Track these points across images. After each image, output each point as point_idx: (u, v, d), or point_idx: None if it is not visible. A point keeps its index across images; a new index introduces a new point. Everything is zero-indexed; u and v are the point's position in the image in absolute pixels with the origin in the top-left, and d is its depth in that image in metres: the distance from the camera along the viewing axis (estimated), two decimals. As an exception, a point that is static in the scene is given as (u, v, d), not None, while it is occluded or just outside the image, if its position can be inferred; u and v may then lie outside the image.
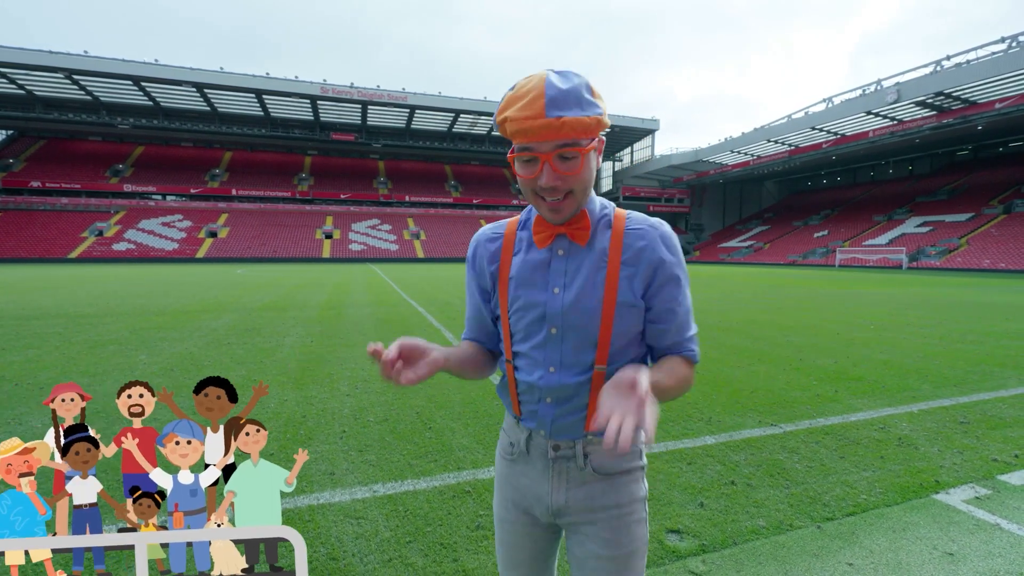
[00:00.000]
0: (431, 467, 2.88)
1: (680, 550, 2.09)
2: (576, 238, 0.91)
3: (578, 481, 0.97)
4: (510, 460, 1.04)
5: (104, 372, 4.96)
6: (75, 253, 42.65)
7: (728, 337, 7.11)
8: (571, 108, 0.79)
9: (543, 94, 0.78)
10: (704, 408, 3.95)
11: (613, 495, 0.97)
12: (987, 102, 34.49)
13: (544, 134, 0.78)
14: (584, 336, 0.91)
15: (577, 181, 0.84)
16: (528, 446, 1.00)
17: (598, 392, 0.90)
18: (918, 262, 36.31)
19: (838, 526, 2.28)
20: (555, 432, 0.96)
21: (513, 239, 0.98)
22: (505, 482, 1.05)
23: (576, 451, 0.96)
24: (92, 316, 8.88)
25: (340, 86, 49.07)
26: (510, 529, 1.05)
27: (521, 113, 0.79)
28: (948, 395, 4.31)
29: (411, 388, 4.46)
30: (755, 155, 55.04)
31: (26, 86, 45.67)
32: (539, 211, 0.90)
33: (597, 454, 0.97)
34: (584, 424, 0.95)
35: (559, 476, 0.98)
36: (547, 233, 0.92)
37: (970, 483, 2.69)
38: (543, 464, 0.99)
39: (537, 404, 0.96)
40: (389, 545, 2.12)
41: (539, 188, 0.85)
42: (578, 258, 0.92)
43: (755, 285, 18.30)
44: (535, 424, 0.98)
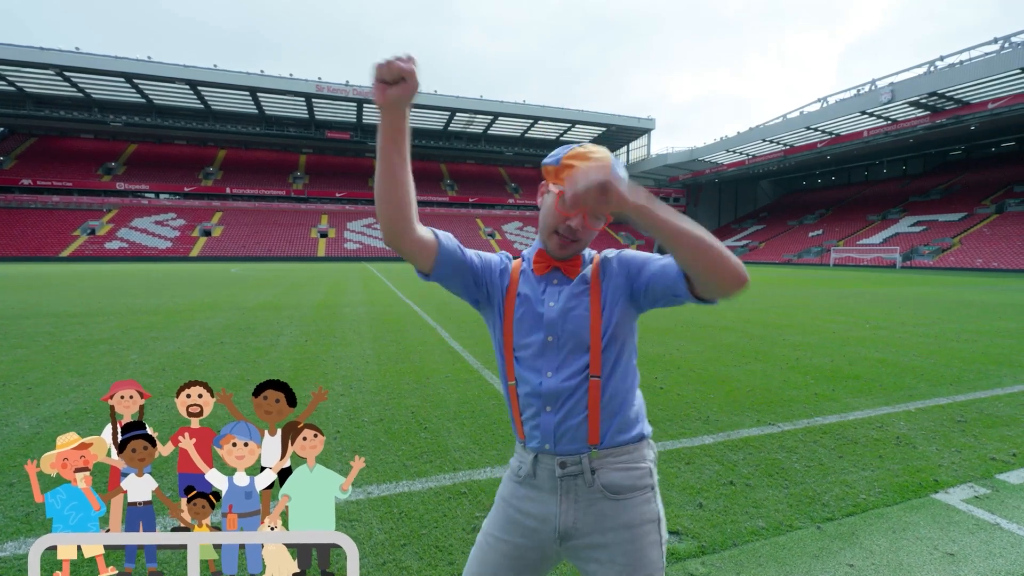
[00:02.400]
0: (426, 468, 2.84)
1: (679, 552, 2.06)
2: (569, 273, 1.06)
3: (587, 501, 0.98)
4: (517, 482, 1.05)
5: (94, 372, 4.89)
6: (67, 252, 42.24)
7: (724, 336, 7.10)
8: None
9: (612, 167, 0.86)
10: (701, 407, 3.92)
11: (624, 515, 0.97)
12: (980, 102, 34.74)
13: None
14: (577, 341, 0.99)
15: (590, 236, 1.03)
16: (535, 468, 1.02)
17: (596, 400, 0.98)
18: (912, 261, 36.56)
19: (838, 526, 2.26)
20: (559, 443, 0.98)
21: (519, 268, 1.11)
22: (507, 505, 1.05)
23: (583, 466, 0.98)
24: (83, 315, 8.77)
25: (335, 84, 48.82)
26: (500, 549, 1.02)
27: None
28: (945, 394, 4.31)
29: (406, 388, 4.43)
30: (750, 154, 55.25)
31: (16, 83, 45.15)
32: (548, 245, 1.05)
33: (605, 471, 0.98)
34: (587, 433, 0.98)
35: (567, 495, 0.99)
36: (545, 264, 1.07)
37: (969, 482, 2.68)
38: (551, 485, 1.00)
39: (539, 417, 1.00)
40: (383, 548, 2.08)
41: (564, 228, 0.99)
42: (568, 285, 1.05)
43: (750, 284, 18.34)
44: (539, 441, 1.00)
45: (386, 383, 4.59)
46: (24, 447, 3.06)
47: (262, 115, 55.44)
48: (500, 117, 56.68)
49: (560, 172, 1.00)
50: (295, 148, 63.96)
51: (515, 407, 1.04)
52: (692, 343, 6.52)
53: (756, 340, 6.78)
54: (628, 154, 67.87)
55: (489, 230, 59.84)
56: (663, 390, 4.40)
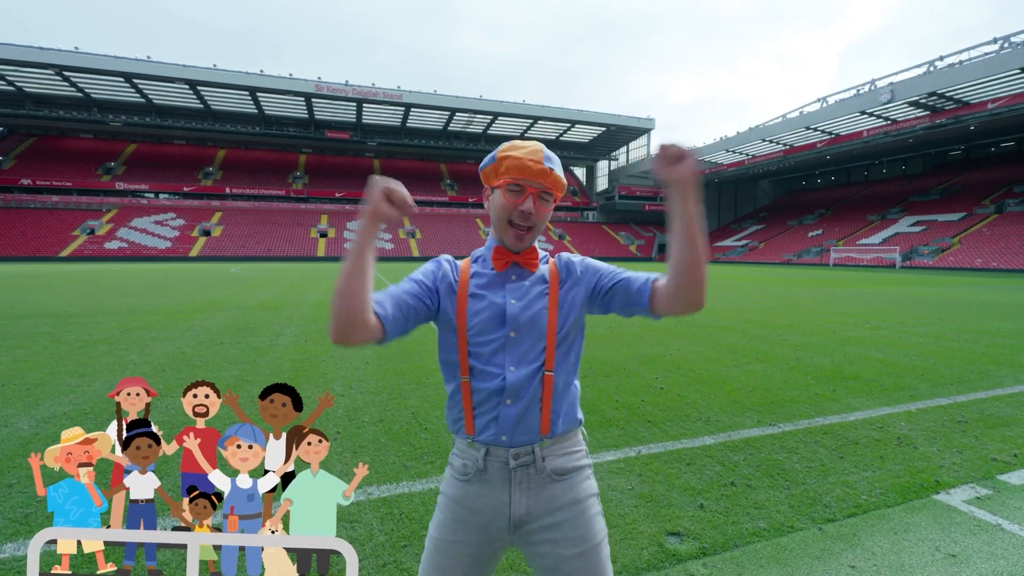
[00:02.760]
0: (427, 469, 2.83)
1: (681, 553, 2.06)
2: (527, 265, 1.11)
3: (539, 486, 1.05)
4: (464, 482, 1.07)
5: (94, 372, 4.88)
6: (66, 252, 42.20)
7: (724, 336, 7.10)
8: (557, 168, 1.07)
9: (542, 151, 1.06)
10: (702, 408, 3.92)
11: (571, 494, 1.06)
12: (980, 102, 34.78)
13: (538, 176, 1.04)
14: (536, 338, 1.05)
15: (543, 219, 1.09)
16: (486, 463, 1.05)
17: (549, 393, 1.04)
18: (911, 261, 36.58)
19: (839, 527, 2.26)
20: (515, 434, 1.03)
21: (469, 268, 1.13)
22: (456, 505, 1.07)
23: (535, 455, 1.04)
24: (82, 315, 8.76)
25: (335, 84, 48.80)
26: (452, 552, 1.04)
27: (525, 156, 1.04)
28: (945, 394, 4.30)
29: (406, 388, 4.42)
30: (750, 154, 55.29)
31: (16, 82, 45.10)
32: (504, 239, 1.09)
33: (551, 455, 1.06)
34: (539, 424, 1.04)
35: (520, 485, 1.04)
36: (504, 260, 1.10)
37: (970, 483, 2.68)
38: (503, 477, 1.04)
39: (496, 410, 1.03)
40: (384, 550, 2.07)
41: (516, 214, 1.05)
42: (528, 280, 1.10)
43: (750, 284, 18.35)
44: (493, 435, 1.03)
45: (386, 383, 4.58)
46: (23, 448, 3.05)
47: (262, 115, 55.40)
48: (500, 117, 56.68)
49: (499, 169, 1.06)
50: (295, 148, 63.93)
51: (467, 402, 1.05)
52: (692, 343, 6.52)
53: (756, 340, 6.78)
54: (628, 154, 67.87)
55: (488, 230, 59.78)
56: (663, 390, 4.39)
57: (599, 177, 73.72)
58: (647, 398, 4.16)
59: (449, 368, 1.10)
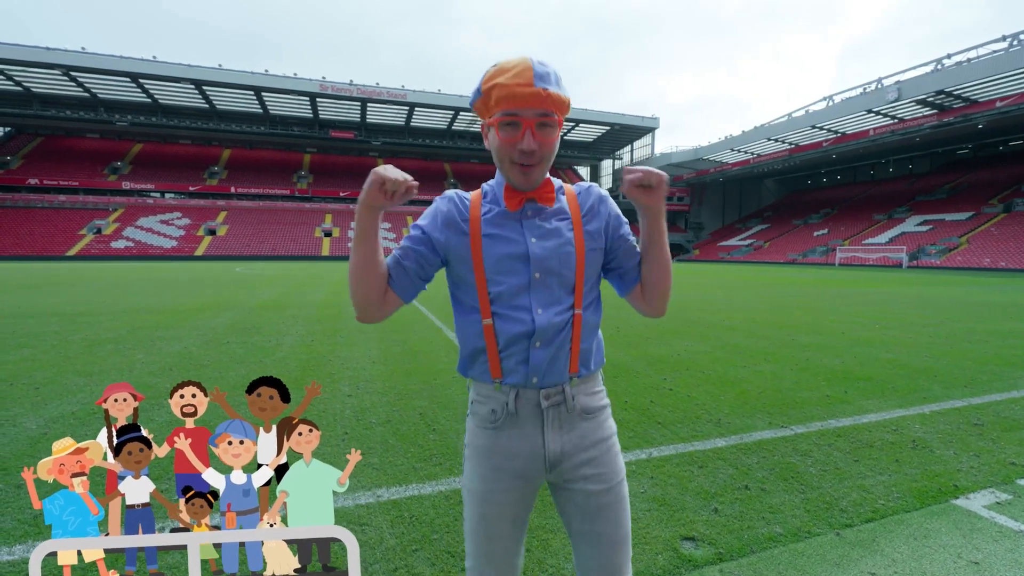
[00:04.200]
0: (436, 471, 2.80)
1: (696, 558, 2.02)
2: (544, 200, 1.03)
3: (569, 425, 1.04)
4: (493, 429, 1.04)
5: (101, 372, 4.88)
6: (73, 251, 42.48)
7: (731, 336, 7.04)
8: (552, 84, 0.92)
9: (531, 69, 0.91)
10: (712, 409, 3.88)
11: (599, 431, 1.07)
12: (988, 100, 34.48)
13: (531, 101, 0.90)
14: (563, 279, 1.01)
15: (550, 148, 0.96)
16: (516, 405, 1.02)
17: (579, 333, 1.02)
18: (918, 261, 36.31)
19: (857, 533, 2.21)
20: (547, 376, 1.00)
21: (480, 204, 1.05)
22: (491, 454, 1.04)
23: (566, 394, 1.03)
24: (89, 314, 8.79)
25: (339, 83, 48.90)
26: (500, 500, 1.03)
27: (512, 80, 0.90)
28: (959, 396, 4.24)
29: (414, 389, 4.40)
30: (755, 153, 55.02)
31: (23, 83, 45.43)
32: (510, 177, 0.99)
33: (580, 393, 1.05)
34: (568, 364, 1.02)
35: (553, 424, 1.02)
36: (517, 199, 1.01)
37: (989, 487, 2.63)
38: (535, 418, 1.02)
39: (527, 352, 0.99)
40: (395, 554, 2.05)
41: (517, 152, 0.94)
42: (546, 216, 1.03)
43: (756, 284, 18.25)
44: (522, 377, 1.00)
45: (393, 384, 4.56)
46: (32, 447, 3.05)
47: (266, 114, 55.62)
48: (504, 116, 56.61)
49: (488, 102, 0.94)
50: (299, 147, 64.15)
51: (491, 345, 1.00)
52: (699, 343, 6.47)
53: (764, 341, 6.72)
54: (632, 153, 67.70)
55: (493, 229, 59.82)
56: (672, 391, 4.35)
57: (603, 176, 73.57)
58: (656, 399, 4.12)
59: (464, 309, 1.05)
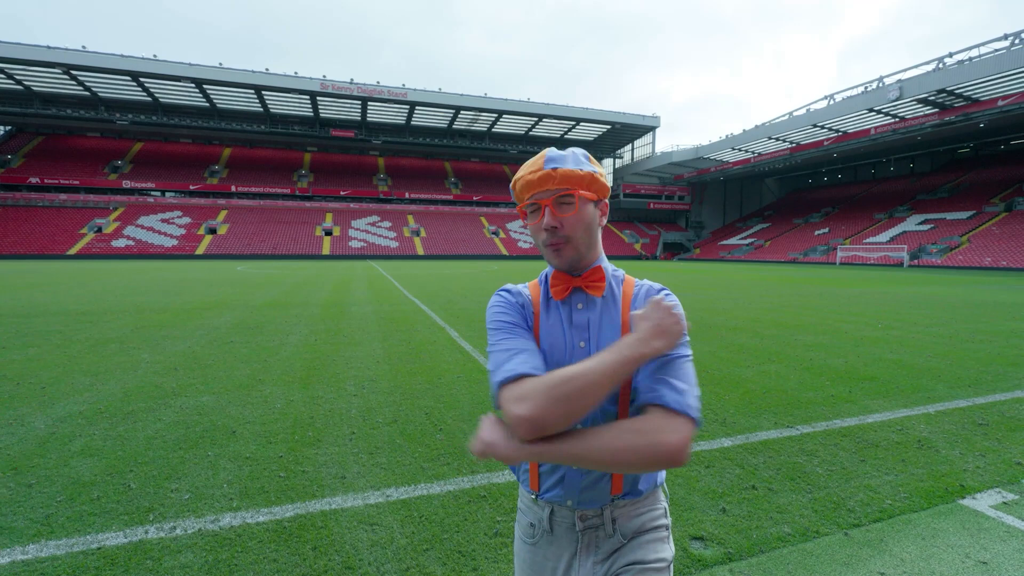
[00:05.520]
0: (444, 471, 2.81)
1: (706, 558, 2.03)
2: (592, 290, 0.96)
3: (607, 549, 0.95)
4: (532, 544, 1.00)
5: (107, 371, 4.90)
6: (74, 250, 42.51)
7: (735, 336, 7.05)
8: (565, 163, 0.93)
9: (544, 156, 0.95)
10: (718, 409, 3.89)
11: (639, 552, 0.94)
12: (990, 99, 34.41)
13: (543, 183, 0.92)
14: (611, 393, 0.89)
15: (573, 226, 0.92)
16: (552, 523, 0.97)
17: None
18: (919, 260, 36.29)
19: (865, 533, 2.22)
20: (583, 500, 0.94)
21: (539, 298, 1.00)
22: (529, 568, 1.01)
23: (605, 518, 0.95)
24: (93, 314, 8.80)
25: (340, 82, 48.86)
26: None
27: (526, 171, 0.95)
28: (964, 396, 4.25)
29: (419, 388, 4.41)
30: (756, 152, 54.96)
31: (24, 81, 45.42)
32: (548, 259, 0.97)
33: (624, 517, 0.95)
34: (610, 487, 0.93)
35: (587, 548, 0.95)
36: (563, 286, 0.97)
37: (996, 487, 2.64)
38: (570, 539, 0.96)
39: (561, 471, 0.94)
40: (406, 553, 2.06)
41: (543, 233, 0.93)
42: (597, 311, 0.95)
43: (757, 283, 18.25)
44: (559, 496, 0.95)
45: (399, 383, 4.57)
46: (40, 447, 3.06)
47: (267, 113, 55.58)
48: (504, 115, 56.60)
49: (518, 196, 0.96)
50: (300, 146, 64.12)
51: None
52: (703, 343, 6.47)
53: (768, 340, 6.73)
54: (633, 152, 67.64)
55: (493, 228, 59.82)
56: (677, 391, 4.35)
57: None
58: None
59: None
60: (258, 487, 2.59)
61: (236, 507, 2.39)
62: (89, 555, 2.01)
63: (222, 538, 2.14)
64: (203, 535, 2.16)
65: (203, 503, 2.42)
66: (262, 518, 2.30)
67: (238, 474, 2.74)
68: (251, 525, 2.24)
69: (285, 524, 2.26)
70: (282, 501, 2.46)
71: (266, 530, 2.21)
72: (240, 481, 2.65)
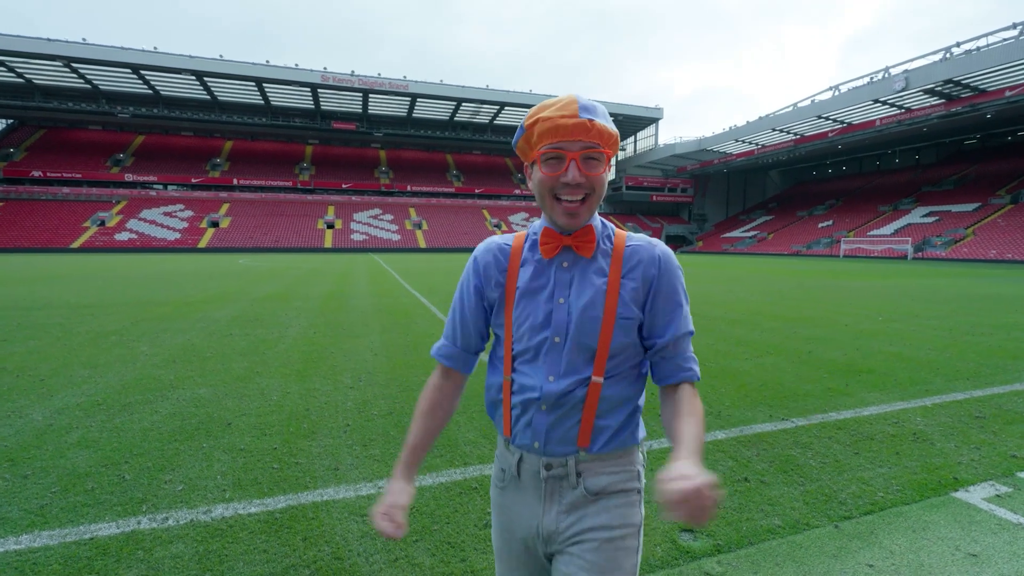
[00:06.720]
0: (437, 463, 2.82)
1: (695, 550, 2.03)
2: (581, 250, 0.93)
3: (570, 503, 0.92)
4: (501, 488, 1.01)
5: (106, 364, 4.92)
6: (77, 243, 42.64)
7: (734, 329, 7.03)
8: (599, 116, 0.87)
9: (576, 102, 0.87)
10: (713, 401, 3.88)
11: (604, 515, 0.91)
12: (997, 90, 33.99)
13: (576, 132, 0.85)
14: (584, 346, 0.90)
15: (597, 185, 0.89)
16: (519, 469, 0.96)
17: (594, 404, 0.91)
18: (923, 252, 36.08)
19: (856, 525, 2.22)
20: (548, 444, 0.92)
21: (520, 251, 0.98)
22: (500, 513, 1.01)
23: (568, 469, 0.92)
24: (94, 306, 8.85)
25: (341, 74, 48.62)
26: (507, 560, 1.01)
27: (557, 113, 0.86)
28: (961, 389, 4.23)
29: (416, 381, 4.42)
30: (760, 144, 54.53)
31: (25, 74, 45.34)
32: (552, 216, 0.91)
33: (590, 472, 0.92)
34: (577, 437, 0.91)
35: (551, 498, 0.93)
36: (554, 244, 0.93)
37: (990, 480, 2.63)
38: (535, 487, 0.95)
39: (531, 415, 0.93)
40: (395, 544, 2.07)
41: (561, 187, 0.87)
42: (581, 269, 0.93)
43: (759, 276, 18.18)
44: (528, 440, 0.94)
45: (395, 376, 4.58)
46: (38, 439, 3.08)
47: (268, 106, 55.41)
48: (506, 107, 56.27)
49: (531, 139, 0.89)
50: (301, 139, 63.95)
51: (506, 402, 0.96)
52: (702, 336, 6.46)
53: (767, 333, 6.71)
54: (636, 143, 67.23)
55: (495, 220, 59.68)
56: (674, 384, 4.35)
57: (606, 167, 73.03)
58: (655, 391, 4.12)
59: (494, 358, 1.01)
60: (251, 478, 2.61)
61: (229, 498, 2.41)
62: (81, 545, 2.02)
63: (213, 529, 2.16)
64: (195, 526, 2.18)
65: (196, 494, 2.44)
66: (254, 509, 2.32)
67: (232, 466, 2.75)
68: (243, 516, 2.26)
69: (277, 515, 2.27)
70: (275, 492, 2.47)
71: (258, 521, 2.22)
72: (234, 472, 2.67)
